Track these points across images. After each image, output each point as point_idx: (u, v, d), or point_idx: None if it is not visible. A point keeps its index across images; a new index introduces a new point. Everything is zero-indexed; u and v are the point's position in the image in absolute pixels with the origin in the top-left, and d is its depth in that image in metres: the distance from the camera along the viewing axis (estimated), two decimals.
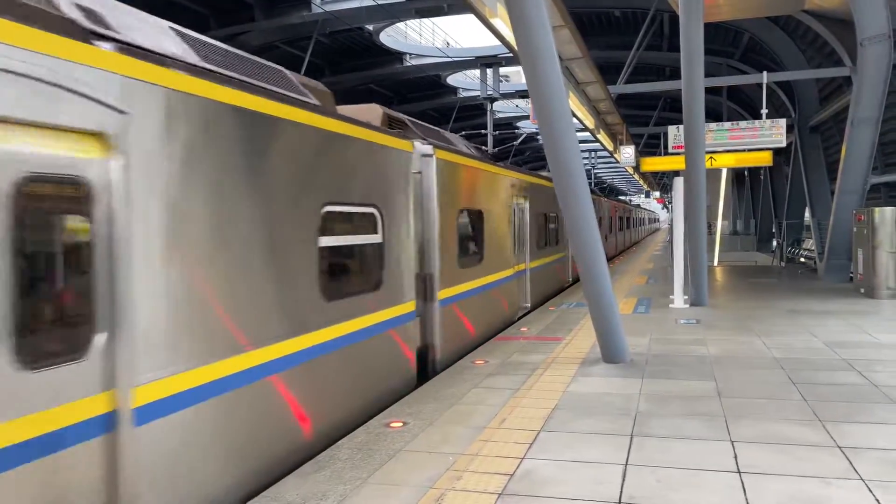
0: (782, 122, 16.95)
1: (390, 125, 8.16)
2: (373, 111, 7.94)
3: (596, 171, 65.13)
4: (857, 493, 4.23)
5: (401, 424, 5.86)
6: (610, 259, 26.66)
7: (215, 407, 4.28)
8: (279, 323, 5.00)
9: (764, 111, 16.22)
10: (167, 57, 4.20)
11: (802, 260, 23.61)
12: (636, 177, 50.39)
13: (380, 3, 19.03)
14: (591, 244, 7.66)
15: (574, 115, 17.68)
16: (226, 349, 4.39)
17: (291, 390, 5.12)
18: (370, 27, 22.87)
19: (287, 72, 6.10)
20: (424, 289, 8.21)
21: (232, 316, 4.44)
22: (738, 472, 4.62)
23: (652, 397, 6.60)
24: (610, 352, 8.13)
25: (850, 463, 4.73)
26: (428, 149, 8.16)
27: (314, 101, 6.07)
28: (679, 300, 13.27)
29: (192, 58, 4.53)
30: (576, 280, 17.91)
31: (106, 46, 3.50)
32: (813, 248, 21.07)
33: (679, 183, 13.19)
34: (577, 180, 7.27)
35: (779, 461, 4.80)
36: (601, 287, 7.88)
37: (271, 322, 4.90)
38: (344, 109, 7.64)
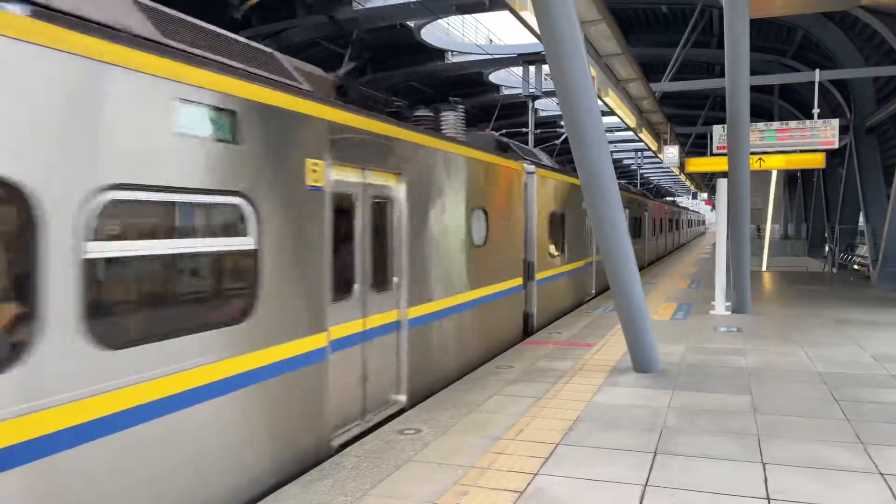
0: (835, 122, 16.16)
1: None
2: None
3: (642, 170, 63.87)
4: None
5: (414, 432, 5.65)
6: (647, 266, 25.58)
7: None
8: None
9: (816, 111, 15.47)
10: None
11: (856, 267, 22.63)
12: (682, 177, 49.28)
13: None
14: (619, 247, 7.32)
15: (614, 114, 17.22)
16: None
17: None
18: (411, 24, 22.72)
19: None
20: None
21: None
22: (768, 498, 4.28)
23: (681, 411, 6.25)
24: (640, 360, 7.78)
25: (893, 493, 4.33)
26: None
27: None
28: (720, 307, 12.76)
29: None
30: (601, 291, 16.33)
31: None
32: (867, 254, 20.16)
33: (722, 185, 12.67)
34: (605, 181, 6.94)
35: (813, 488, 4.43)
36: (631, 292, 7.54)
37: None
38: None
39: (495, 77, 30.65)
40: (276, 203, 4.79)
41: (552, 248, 12.15)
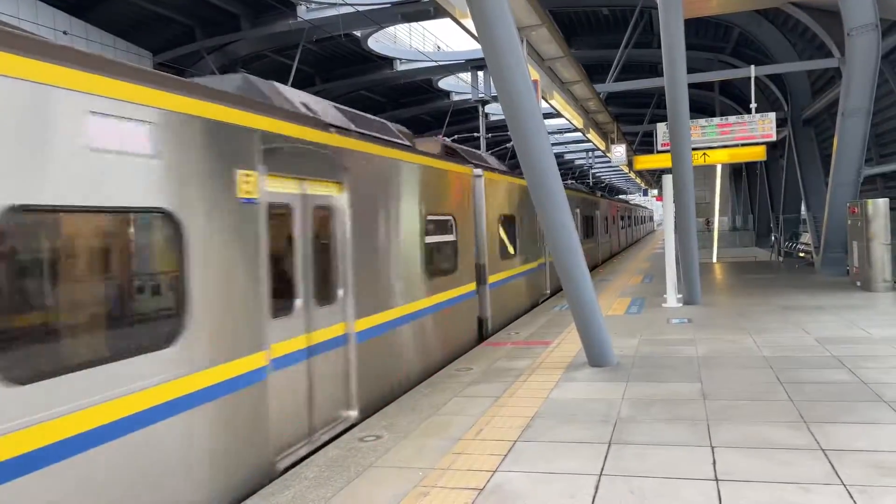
0: (772, 115, 16.77)
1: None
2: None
3: (594, 170, 64.88)
4: (837, 499, 4.06)
5: (374, 438, 5.70)
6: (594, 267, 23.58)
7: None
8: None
9: (753, 105, 16.04)
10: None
11: (801, 254, 23.42)
12: (633, 175, 50.23)
13: (363, 9, 18.92)
14: (569, 245, 7.50)
15: (561, 115, 17.54)
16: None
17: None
18: (357, 33, 22.77)
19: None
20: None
21: None
22: (716, 479, 4.45)
23: (635, 402, 6.43)
24: (594, 355, 7.97)
25: (833, 467, 4.55)
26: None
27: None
28: (672, 299, 13.09)
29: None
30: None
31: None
32: (810, 241, 20.89)
33: (668, 181, 13.02)
34: (550, 181, 7.11)
35: (759, 467, 4.63)
36: (582, 289, 7.72)
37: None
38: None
39: (445, 83, 30.88)
40: None
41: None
